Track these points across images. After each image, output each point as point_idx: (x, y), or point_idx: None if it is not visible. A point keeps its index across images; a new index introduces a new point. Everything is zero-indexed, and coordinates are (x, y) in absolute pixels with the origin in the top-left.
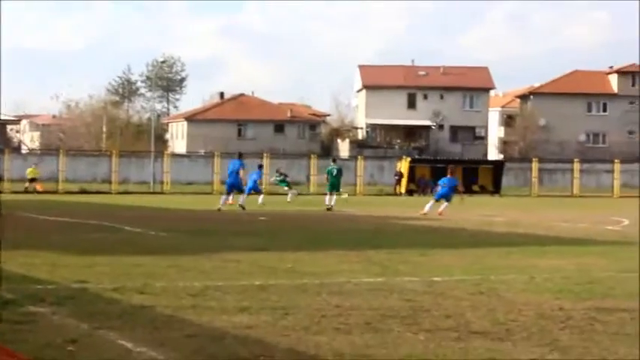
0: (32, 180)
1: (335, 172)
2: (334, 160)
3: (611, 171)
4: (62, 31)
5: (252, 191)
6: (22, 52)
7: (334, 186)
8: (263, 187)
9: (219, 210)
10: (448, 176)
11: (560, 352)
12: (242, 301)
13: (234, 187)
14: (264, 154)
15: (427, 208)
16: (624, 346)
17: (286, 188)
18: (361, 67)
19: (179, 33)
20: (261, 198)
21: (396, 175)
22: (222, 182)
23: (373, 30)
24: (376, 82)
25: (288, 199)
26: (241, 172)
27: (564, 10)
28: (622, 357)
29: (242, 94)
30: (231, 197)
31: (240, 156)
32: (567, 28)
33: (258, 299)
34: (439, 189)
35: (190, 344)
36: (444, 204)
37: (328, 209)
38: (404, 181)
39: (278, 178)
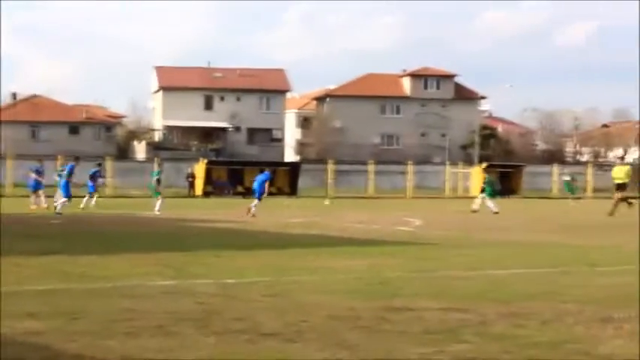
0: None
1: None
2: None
3: (405, 172)
4: None
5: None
6: None
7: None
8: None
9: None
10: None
11: (349, 351)
12: (30, 307)
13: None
14: (59, 157)
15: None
16: (410, 344)
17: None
18: (157, 68)
19: None
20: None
21: (188, 177)
22: (16, 185)
23: (170, 31)
24: (173, 83)
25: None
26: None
27: (358, 12)
28: (407, 354)
29: (35, 95)
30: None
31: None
32: (361, 30)
33: (48, 304)
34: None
35: None
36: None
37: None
38: (199, 182)
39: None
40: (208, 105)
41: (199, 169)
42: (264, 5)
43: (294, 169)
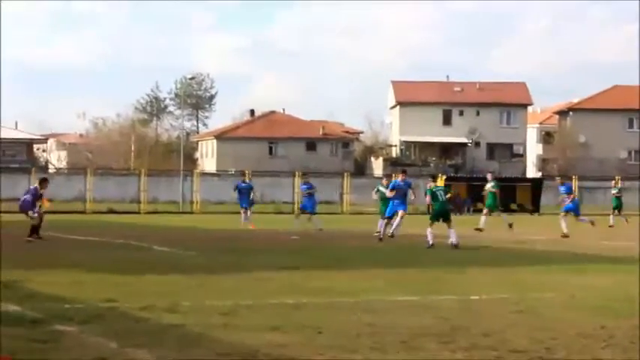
0: None
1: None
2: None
3: None
4: (85, 47)
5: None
6: (45, 69)
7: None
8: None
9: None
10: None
11: None
12: (274, 320)
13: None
14: (296, 173)
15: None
16: None
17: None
18: (394, 83)
19: (208, 49)
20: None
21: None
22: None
23: (406, 44)
24: (410, 98)
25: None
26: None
27: (601, 21)
28: None
29: (273, 112)
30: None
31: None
32: (605, 40)
33: (291, 318)
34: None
35: None
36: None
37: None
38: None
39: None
40: (447, 120)
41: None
42: (501, 16)
43: (536, 185)
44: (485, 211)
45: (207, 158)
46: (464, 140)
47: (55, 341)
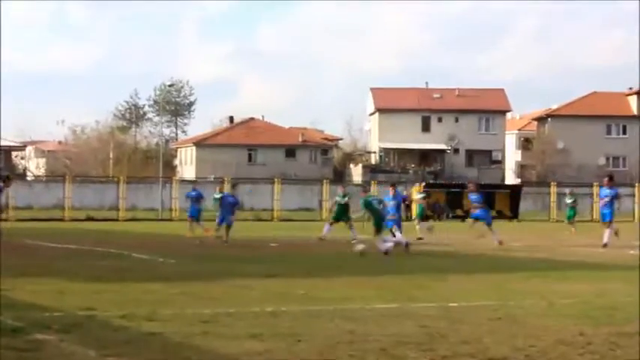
0: None
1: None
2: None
3: (632, 195)
4: (64, 53)
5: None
6: (23, 76)
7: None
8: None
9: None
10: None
11: None
12: (254, 328)
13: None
14: (276, 180)
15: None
16: None
17: None
18: (373, 89)
19: (187, 56)
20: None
21: (404, 200)
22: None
23: (384, 51)
24: (389, 104)
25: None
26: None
27: (584, 28)
28: None
29: (252, 119)
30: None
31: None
32: (585, 49)
33: (270, 325)
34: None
35: None
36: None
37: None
38: (414, 206)
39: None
40: (425, 126)
41: (416, 192)
42: (482, 23)
43: (515, 192)
44: (416, 220)
45: (187, 165)
46: (443, 147)
47: (35, 350)
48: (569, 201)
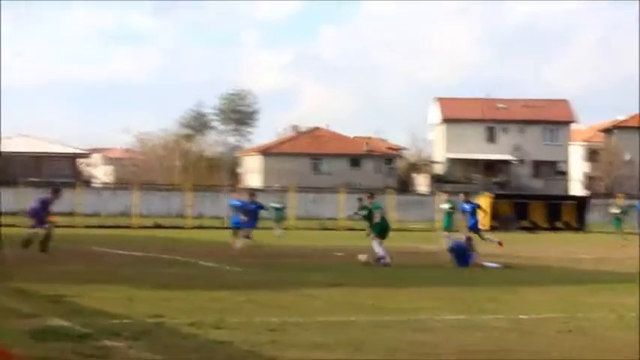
0: None
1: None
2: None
3: None
4: (128, 62)
5: None
6: (89, 84)
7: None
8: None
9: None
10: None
11: None
12: (322, 337)
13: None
14: (340, 189)
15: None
16: None
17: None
18: (439, 99)
19: (251, 65)
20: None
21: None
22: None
23: (449, 61)
24: (454, 114)
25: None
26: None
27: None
28: None
29: (317, 128)
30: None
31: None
32: None
33: (338, 335)
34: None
35: None
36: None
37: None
38: (485, 216)
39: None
40: (491, 137)
41: (484, 202)
42: (545, 34)
43: (581, 203)
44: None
45: (251, 173)
46: (508, 157)
47: (103, 357)
48: (616, 212)
